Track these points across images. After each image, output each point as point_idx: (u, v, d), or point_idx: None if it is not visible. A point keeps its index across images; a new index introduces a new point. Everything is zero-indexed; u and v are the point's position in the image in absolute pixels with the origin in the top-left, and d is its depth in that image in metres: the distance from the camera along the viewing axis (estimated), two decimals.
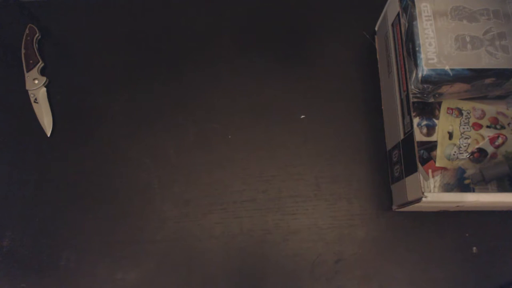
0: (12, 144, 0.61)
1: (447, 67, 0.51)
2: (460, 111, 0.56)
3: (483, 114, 0.56)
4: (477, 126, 0.55)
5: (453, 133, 0.55)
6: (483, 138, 0.55)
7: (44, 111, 0.61)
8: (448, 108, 0.56)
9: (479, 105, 0.56)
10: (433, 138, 0.56)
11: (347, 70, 0.63)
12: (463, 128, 0.55)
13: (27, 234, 0.57)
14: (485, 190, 0.54)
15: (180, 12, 0.66)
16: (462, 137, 0.55)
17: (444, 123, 0.56)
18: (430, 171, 0.55)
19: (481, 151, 0.55)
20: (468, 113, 0.56)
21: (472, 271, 0.54)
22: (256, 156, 0.59)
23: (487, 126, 0.56)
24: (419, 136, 0.56)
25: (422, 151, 0.56)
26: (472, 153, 0.55)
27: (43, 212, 0.58)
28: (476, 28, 0.53)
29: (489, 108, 0.56)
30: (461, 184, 0.54)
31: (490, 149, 0.55)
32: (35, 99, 0.61)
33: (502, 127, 0.56)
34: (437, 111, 0.57)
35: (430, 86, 0.52)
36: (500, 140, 0.55)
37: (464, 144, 0.55)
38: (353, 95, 0.61)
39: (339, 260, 0.55)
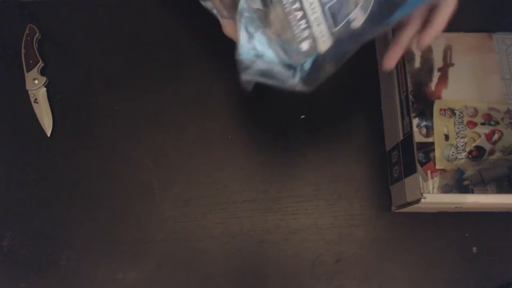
0: (12, 144, 0.61)
1: None
2: (452, 111, 0.56)
3: (475, 112, 0.56)
4: (471, 124, 0.55)
5: (449, 134, 0.55)
6: (479, 135, 0.55)
7: (44, 111, 0.61)
8: (440, 110, 0.56)
9: (471, 103, 0.56)
10: (432, 139, 0.56)
11: (347, 70, 0.62)
12: (458, 128, 0.55)
13: (27, 234, 0.57)
14: (484, 191, 0.54)
15: (180, 12, 0.66)
16: (458, 136, 0.55)
17: (439, 124, 0.56)
18: (429, 172, 0.55)
19: (479, 149, 0.55)
20: (461, 112, 0.56)
21: (472, 271, 0.54)
22: (256, 156, 0.59)
23: (482, 123, 0.56)
24: (418, 137, 0.56)
25: (421, 155, 0.56)
26: (471, 152, 0.55)
27: (43, 212, 0.58)
28: None
29: (481, 105, 0.56)
30: (460, 185, 0.54)
31: (487, 146, 0.55)
32: (35, 99, 0.61)
33: (497, 123, 0.56)
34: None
35: None
36: (496, 136, 0.55)
37: (461, 144, 0.55)
38: (353, 96, 0.61)
39: (339, 260, 0.55)
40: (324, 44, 0.36)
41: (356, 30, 0.35)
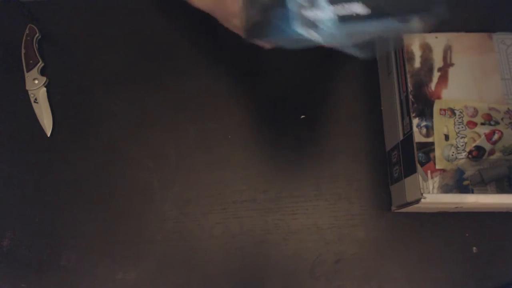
0: (12, 144, 0.61)
1: None
2: (452, 111, 0.56)
3: (475, 112, 0.56)
4: (471, 125, 0.55)
5: (449, 134, 0.55)
6: (479, 135, 0.55)
7: (44, 111, 0.61)
8: (440, 109, 0.56)
9: (471, 103, 0.56)
10: (432, 139, 0.56)
11: (347, 70, 0.62)
12: (458, 128, 0.55)
13: (27, 234, 0.57)
14: (484, 191, 0.54)
15: (180, 12, 0.66)
16: (458, 136, 0.55)
17: (439, 124, 0.56)
18: (429, 172, 0.55)
19: (479, 149, 0.55)
20: (461, 112, 0.56)
21: (472, 271, 0.54)
22: (256, 156, 0.59)
23: (482, 123, 0.56)
24: (418, 137, 0.56)
25: (421, 155, 0.56)
26: (471, 152, 0.55)
27: (43, 212, 0.58)
28: None
29: (481, 105, 0.56)
30: (460, 185, 0.54)
31: (487, 146, 0.55)
32: (35, 99, 0.61)
33: (497, 123, 0.56)
34: None
35: None
36: (496, 136, 0.55)
37: (461, 144, 0.55)
38: (353, 95, 0.61)
39: (339, 260, 0.55)
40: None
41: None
